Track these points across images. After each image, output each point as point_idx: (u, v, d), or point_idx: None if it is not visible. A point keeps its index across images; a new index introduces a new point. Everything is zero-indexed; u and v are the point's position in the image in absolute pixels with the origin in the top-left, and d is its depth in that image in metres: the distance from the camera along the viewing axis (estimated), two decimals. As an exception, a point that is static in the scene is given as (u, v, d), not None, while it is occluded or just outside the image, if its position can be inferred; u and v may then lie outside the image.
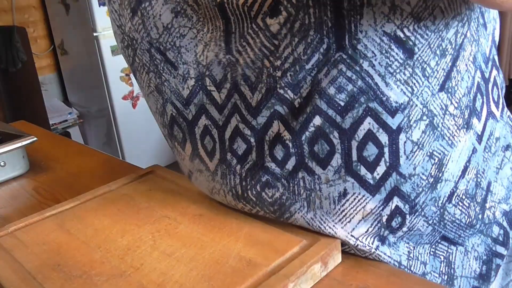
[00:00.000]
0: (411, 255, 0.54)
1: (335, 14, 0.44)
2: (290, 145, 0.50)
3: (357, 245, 0.52)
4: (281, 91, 0.48)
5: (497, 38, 0.56)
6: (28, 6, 3.23)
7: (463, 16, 0.48)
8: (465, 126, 0.51)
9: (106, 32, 2.96)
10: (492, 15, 0.53)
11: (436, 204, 0.52)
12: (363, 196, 0.50)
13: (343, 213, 0.51)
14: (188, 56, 0.52)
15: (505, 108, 0.58)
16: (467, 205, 0.53)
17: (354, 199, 0.50)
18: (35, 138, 0.93)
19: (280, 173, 0.51)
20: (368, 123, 0.47)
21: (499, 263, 0.58)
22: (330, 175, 0.49)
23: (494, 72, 0.54)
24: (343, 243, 0.54)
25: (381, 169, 0.48)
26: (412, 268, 0.54)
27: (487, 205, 0.56)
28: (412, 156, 0.48)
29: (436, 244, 0.54)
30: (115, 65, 3.05)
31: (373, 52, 0.45)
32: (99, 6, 2.91)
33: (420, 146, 0.48)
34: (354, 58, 0.45)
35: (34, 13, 3.27)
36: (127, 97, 3.19)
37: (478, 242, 0.57)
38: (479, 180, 0.54)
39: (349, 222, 0.51)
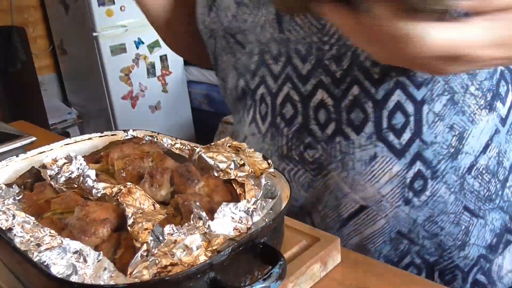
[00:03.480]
0: (431, 218, 0.59)
1: None
2: (332, 110, 0.57)
3: (381, 201, 0.58)
4: (327, 62, 0.56)
5: None
6: (28, 6, 3.23)
7: None
8: (488, 107, 0.57)
9: (105, 32, 2.96)
10: None
11: (456, 173, 0.57)
12: (390, 159, 0.56)
13: (372, 174, 0.57)
14: (251, 37, 0.61)
15: None
16: (487, 179, 0.59)
17: (383, 161, 0.57)
18: (34, 138, 0.93)
19: (321, 136, 0.58)
20: (398, 95, 0.54)
21: (510, 239, 0.63)
22: (362, 141, 0.57)
23: None
24: (369, 203, 0.59)
25: (406, 136, 0.56)
26: (426, 228, 0.59)
27: (508, 184, 0.61)
28: (434, 125, 0.56)
29: (460, 215, 0.59)
30: (114, 65, 3.05)
31: None
32: (99, 6, 2.91)
33: (441, 117, 0.56)
34: None
35: (33, 13, 3.27)
36: (126, 97, 3.19)
37: (496, 217, 0.61)
38: (501, 159, 0.60)
39: (377, 182, 0.57)
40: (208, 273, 0.39)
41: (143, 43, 3.12)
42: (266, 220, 0.45)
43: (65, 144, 0.68)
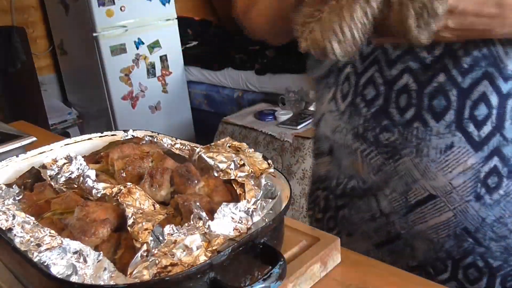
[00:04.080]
0: (502, 220, 0.57)
1: None
2: (414, 95, 0.57)
3: (452, 192, 0.57)
4: (418, 50, 0.56)
5: None
6: (28, 6, 3.23)
7: None
8: None
9: (105, 32, 2.96)
10: None
11: None
12: (467, 150, 0.55)
13: (446, 163, 0.56)
14: None
15: None
16: None
17: (459, 152, 0.56)
18: (34, 138, 0.93)
19: (399, 120, 0.58)
20: (484, 85, 0.54)
21: None
22: (441, 129, 0.56)
23: None
24: (438, 193, 0.58)
25: (487, 129, 0.54)
26: (495, 229, 0.57)
27: None
28: None
29: None
30: (114, 65, 3.05)
31: None
32: (99, 6, 2.91)
33: None
34: None
35: (33, 13, 3.27)
36: (126, 97, 3.18)
37: None
38: None
39: (450, 172, 0.56)
40: (208, 273, 0.39)
41: (143, 43, 3.12)
42: (266, 220, 0.45)
43: (65, 145, 0.68)
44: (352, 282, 0.51)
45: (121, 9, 2.98)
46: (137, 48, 3.14)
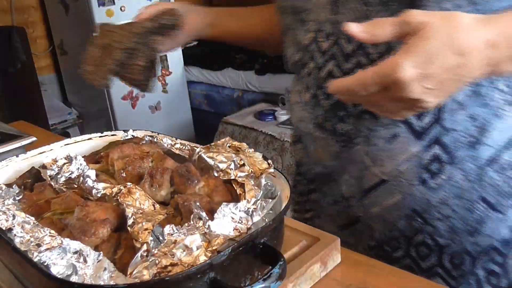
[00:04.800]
0: (446, 201, 0.61)
1: None
2: None
3: (400, 177, 0.61)
4: (366, 45, 0.59)
5: None
6: (28, 6, 3.23)
7: None
8: None
9: (105, 32, 2.96)
10: None
11: (475, 163, 0.60)
12: (410, 139, 0.60)
13: (393, 151, 0.61)
14: (312, 15, 0.66)
15: None
16: (509, 175, 0.61)
17: (403, 141, 0.60)
18: (34, 138, 0.93)
19: (353, 112, 0.62)
20: None
21: None
22: (387, 120, 0.60)
23: None
24: (388, 178, 0.62)
25: (427, 120, 0.59)
26: (440, 210, 0.61)
27: None
28: (454, 113, 0.58)
29: (475, 204, 0.61)
30: (114, 65, 3.04)
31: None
32: (99, 6, 2.91)
33: (463, 106, 0.58)
34: None
35: (33, 13, 3.27)
36: (126, 97, 3.18)
37: None
38: None
39: (396, 159, 0.61)
40: (208, 273, 0.39)
41: (143, 43, 3.13)
42: (266, 220, 0.45)
43: (65, 145, 0.68)
44: (352, 282, 0.51)
45: (121, 9, 2.98)
46: (137, 48, 3.13)
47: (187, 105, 3.57)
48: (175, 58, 3.34)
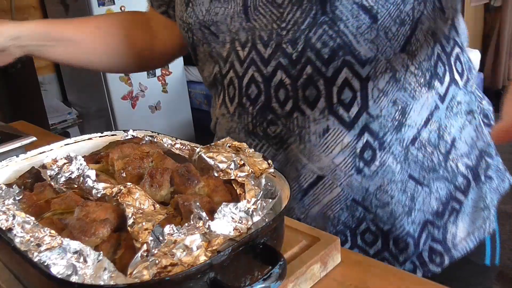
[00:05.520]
0: (382, 187, 0.65)
1: None
2: (290, 88, 0.63)
3: (336, 170, 0.64)
4: (284, 46, 0.62)
5: (460, 27, 0.69)
6: (28, 6, 3.23)
7: None
8: (427, 85, 0.64)
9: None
10: (451, 4, 0.66)
11: (401, 144, 0.64)
12: (341, 131, 0.63)
13: (326, 145, 0.64)
14: (223, 27, 0.67)
15: (471, 81, 0.71)
16: (429, 151, 0.66)
17: (334, 133, 0.63)
18: (34, 138, 0.93)
19: (281, 112, 0.64)
20: (345, 72, 0.61)
21: (455, 207, 0.69)
22: (316, 115, 0.63)
23: (457, 50, 0.68)
24: (325, 173, 0.65)
25: (354, 110, 0.62)
26: (378, 197, 0.65)
27: (451, 157, 0.68)
28: (379, 100, 0.62)
29: (406, 183, 0.65)
30: (114, 65, 3.05)
31: (346, 15, 0.59)
32: (98, 6, 2.91)
33: (385, 93, 0.62)
34: (334, 20, 0.59)
35: (33, 13, 3.27)
36: (126, 97, 3.19)
37: (441, 187, 0.68)
38: (441, 133, 0.66)
39: (330, 152, 0.64)
40: (208, 273, 0.39)
41: (143, 43, 3.13)
42: (266, 220, 0.45)
43: (65, 144, 0.68)
44: (352, 282, 0.51)
45: (121, 9, 2.98)
46: (137, 48, 3.14)
47: (187, 105, 3.57)
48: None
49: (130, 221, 0.44)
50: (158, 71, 3.31)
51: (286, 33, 0.62)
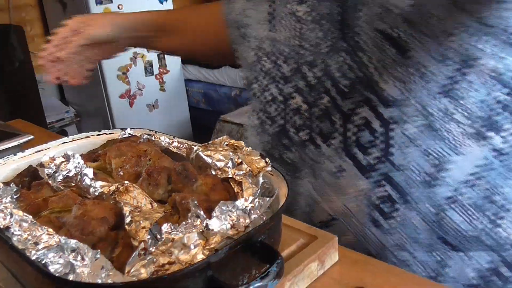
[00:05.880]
0: (402, 246, 0.55)
1: (340, 8, 0.52)
2: (307, 116, 0.58)
3: (349, 216, 0.57)
4: (302, 67, 0.57)
5: None
6: (25, 4, 3.22)
7: (470, 27, 0.48)
8: (478, 137, 0.52)
9: (103, 31, 2.95)
10: None
11: (432, 203, 0.53)
12: (357, 175, 0.55)
13: (339, 186, 0.57)
14: (251, 32, 0.63)
15: None
16: (472, 215, 0.54)
17: (349, 176, 0.56)
18: (32, 137, 0.93)
19: (296, 140, 0.59)
20: (365, 111, 0.53)
21: (497, 283, 0.56)
22: (330, 152, 0.56)
23: None
24: (337, 215, 0.58)
25: (374, 155, 0.54)
26: (397, 255, 0.57)
27: (501, 224, 0.55)
28: (405, 149, 0.52)
29: (436, 245, 0.55)
30: (112, 63, 3.05)
31: (368, 46, 0.51)
32: (96, 4, 2.90)
33: (414, 142, 0.52)
34: (354, 49, 0.52)
35: (31, 12, 3.26)
36: (124, 95, 3.18)
37: (483, 256, 0.55)
38: (491, 195, 0.53)
39: (343, 195, 0.56)
40: (205, 271, 0.39)
41: (141, 41, 3.12)
42: (264, 218, 0.45)
43: (62, 143, 0.68)
44: (350, 280, 0.51)
45: (118, 7, 2.98)
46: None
47: (184, 103, 3.57)
48: (172, 56, 3.35)
49: (127, 220, 0.44)
50: (155, 70, 3.31)
51: (305, 53, 0.56)
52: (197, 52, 0.88)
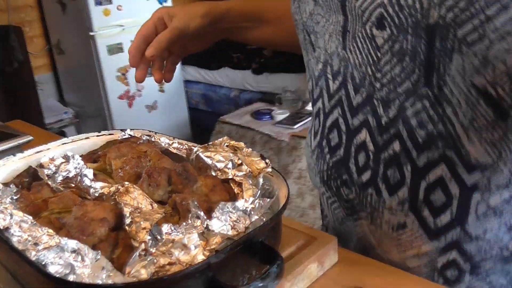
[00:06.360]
0: None
1: (427, 48, 0.44)
2: (371, 157, 0.51)
3: (408, 271, 0.51)
4: (376, 103, 0.49)
5: None
6: (25, 5, 3.22)
7: None
8: None
9: (102, 32, 2.95)
10: None
11: (507, 277, 0.49)
12: (421, 235, 0.50)
13: (399, 242, 0.51)
14: (320, 42, 0.56)
15: None
16: None
17: (412, 234, 0.50)
18: (31, 137, 0.93)
19: (357, 179, 0.53)
20: (442, 170, 0.46)
21: None
22: (394, 204, 0.50)
23: None
24: (395, 267, 0.53)
25: (445, 218, 0.48)
26: None
27: None
28: (485, 219, 0.47)
29: None
30: (111, 64, 3.05)
31: (458, 99, 0.44)
32: (96, 5, 2.90)
33: (498, 213, 0.46)
34: (439, 99, 0.45)
35: (30, 12, 3.26)
36: (123, 96, 3.18)
37: None
38: None
39: (403, 251, 0.52)
40: (206, 272, 0.39)
41: (140, 42, 3.12)
42: (264, 219, 0.45)
43: (62, 144, 0.68)
44: (350, 281, 0.51)
45: (118, 8, 2.98)
46: (134, 47, 3.13)
47: (183, 104, 3.57)
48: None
49: (128, 220, 0.44)
50: (155, 71, 3.30)
51: (380, 87, 0.49)
52: (288, 43, 0.77)
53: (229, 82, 3.40)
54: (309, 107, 2.60)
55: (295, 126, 2.47)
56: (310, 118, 2.56)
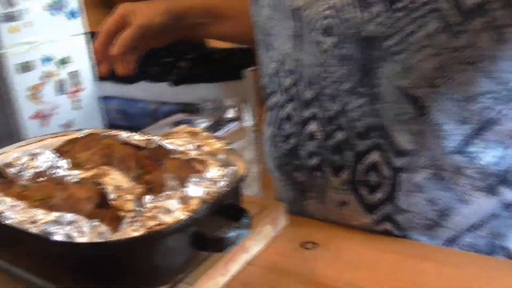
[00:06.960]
0: None
1: (363, 55, 0.54)
2: (320, 145, 0.60)
3: None
4: (324, 98, 0.58)
5: None
6: None
7: (497, 93, 0.50)
8: (487, 191, 0.54)
9: (11, 49, 2.84)
10: None
11: (430, 241, 0.57)
12: (360, 210, 0.60)
13: (343, 215, 0.62)
14: (276, 43, 0.63)
15: None
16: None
17: (353, 209, 0.60)
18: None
19: (305, 164, 0.62)
20: (376, 155, 0.56)
21: None
22: (337, 184, 0.60)
23: None
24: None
25: (379, 195, 0.58)
26: None
27: None
28: (410, 195, 0.56)
29: None
30: (21, 83, 2.93)
31: (387, 98, 0.53)
32: (3, 22, 2.79)
33: (421, 189, 0.55)
34: (373, 97, 0.54)
35: None
36: (35, 116, 3.07)
37: None
38: (494, 241, 0.56)
39: (347, 223, 0.61)
40: (190, 227, 0.47)
41: (51, 59, 3.04)
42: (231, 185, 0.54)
43: (17, 147, 0.70)
44: (302, 238, 0.60)
45: (26, 25, 2.88)
46: (46, 65, 3.05)
47: (99, 121, 3.51)
48: (86, 73, 3.29)
49: (112, 196, 0.50)
50: (68, 88, 3.22)
51: (327, 85, 0.58)
52: (248, 39, 0.79)
53: (147, 95, 3.40)
54: (229, 115, 2.71)
55: (217, 133, 2.55)
56: (230, 125, 2.62)
